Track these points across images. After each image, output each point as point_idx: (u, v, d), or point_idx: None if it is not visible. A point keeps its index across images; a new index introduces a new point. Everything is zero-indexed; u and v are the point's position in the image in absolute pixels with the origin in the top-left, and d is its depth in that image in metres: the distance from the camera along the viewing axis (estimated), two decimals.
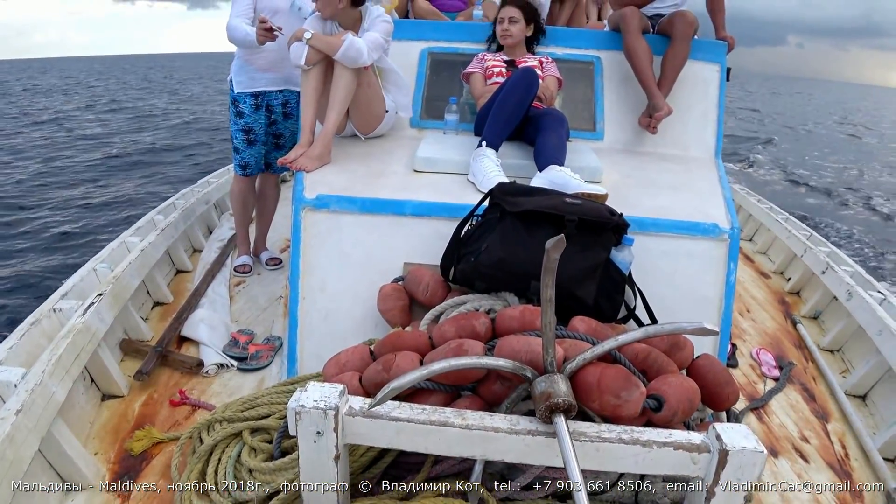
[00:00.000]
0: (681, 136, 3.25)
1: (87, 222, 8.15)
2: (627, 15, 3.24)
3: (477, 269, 1.95)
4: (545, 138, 2.49)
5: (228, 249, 3.84)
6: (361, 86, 2.83)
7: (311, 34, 2.70)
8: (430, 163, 2.63)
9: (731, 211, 2.39)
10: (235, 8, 3.14)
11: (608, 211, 1.97)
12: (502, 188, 2.07)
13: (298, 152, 2.65)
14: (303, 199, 2.32)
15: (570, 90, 3.38)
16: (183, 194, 4.36)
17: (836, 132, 27.10)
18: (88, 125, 18.14)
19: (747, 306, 3.56)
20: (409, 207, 2.28)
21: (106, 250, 3.08)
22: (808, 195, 12.75)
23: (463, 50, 3.46)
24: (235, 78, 3.28)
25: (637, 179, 2.70)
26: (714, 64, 3.37)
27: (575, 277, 1.89)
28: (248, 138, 3.33)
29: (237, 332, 2.85)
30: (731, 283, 2.24)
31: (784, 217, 4.78)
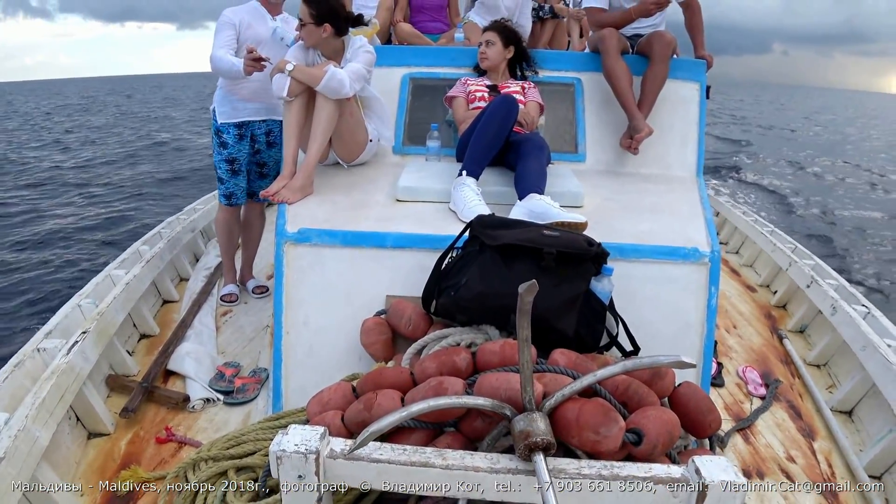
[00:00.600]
0: (662, 156, 3.28)
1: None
2: (606, 37, 3.27)
3: (457, 304, 1.96)
4: (525, 165, 2.51)
5: (215, 278, 3.84)
6: (344, 115, 2.85)
7: (293, 66, 2.72)
8: (411, 192, 2.64)
9: (711, 233, 2.41)
10: (218, 39, 3.15)
11: (587, 241, 1.98)
12: (482, 221, 2.08)
13: (280, 184, 2.66)
14: (285, 234, 2.32)
15: (552, 112, 3.40)
16: (169, 223, 4.36)
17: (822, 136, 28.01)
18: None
19: (734, 322, 3.58)
20: (390, 240, 2.29)
21: (90, 285, 3.07)
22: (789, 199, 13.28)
23: (445, 75, 3.48)
24: (218, 108, 3.29)
25: (618, 202, 2.72)
26: (694, 83, 3.40)
27: (555, 310, 1.89)
28: (233, 168, 3.34)
29: (223, 364, 2.85)
30: (712, 306, 2.25)
31: (769, 230, 4.81)
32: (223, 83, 3.26)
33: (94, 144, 18.40)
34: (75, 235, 8.61)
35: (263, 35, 3.22)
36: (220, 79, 3.25)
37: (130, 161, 15.21)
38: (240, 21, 3.17)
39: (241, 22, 3.17)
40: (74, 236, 8.57)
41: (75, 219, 9.53)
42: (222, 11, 3.21)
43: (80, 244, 8.20)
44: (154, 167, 14.32)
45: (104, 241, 8.34)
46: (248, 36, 3.17)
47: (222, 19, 3.18)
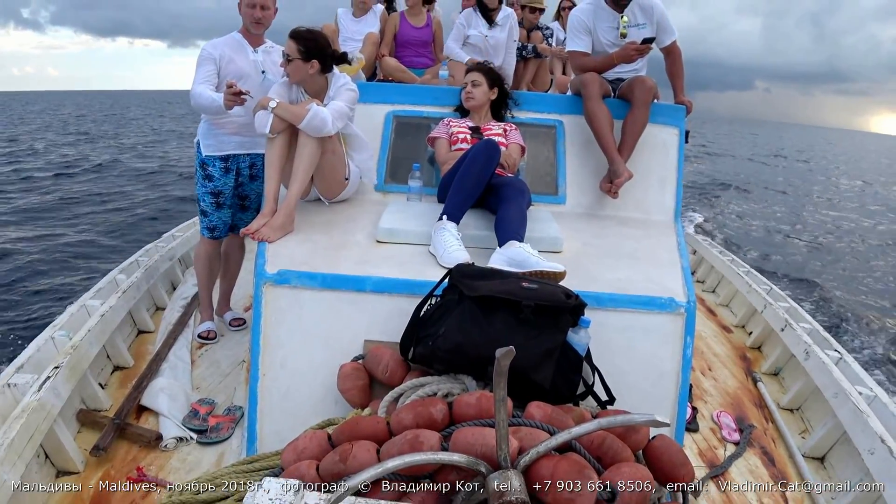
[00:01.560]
0: (641, 200, 3.33)
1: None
2: (588, 81, 3.33)
3: (435, 354, 1.97)
4: (506, 210, 2.53)
5: (192, 308, 3.81)
6: (326, 153, 2.86)
7: (275, 103, 2.73)
8: (392, 234, 2.65)
9: (688, 282, 2.44)
10: (199, 74, 3.14)
11: (564, 294, 2.01)
12: (461, 270, 2.10)
13: (261, 222, 2.66)
14: (264, 274, 2.32)
15: (533, 154, 3.45)
16: (147, 250, 4.32)
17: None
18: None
19: (709, 364, 3.62)
20: (369, 284, 2.29)
21: (65, 315, 3.03)
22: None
23: (428, 113, 3.52)
24: (203, 141, 3.29)
25: (597, 248, 2.75)
26: (673, 127, 3.47)
27: (532, 362, 1.91)
28: (217, 201, 3.33)
29: (198, 402, 2.82)
30: (687, 356, 2.28)
31: (745, 270, 4.89)
32: (207, 116, 3.26)
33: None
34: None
35: (245, 68, 3.22)
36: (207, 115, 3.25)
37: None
38: (220, 55, 3.16)
39: (222, 56, 3.17)
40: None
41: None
42: (203, 45, 3.22)
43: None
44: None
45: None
46: (229, 70, 3.17)
47: (203, 53, 3.18)
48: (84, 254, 8.71)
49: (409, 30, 4.96)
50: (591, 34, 3.50)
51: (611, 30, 3.47)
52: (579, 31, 3.51)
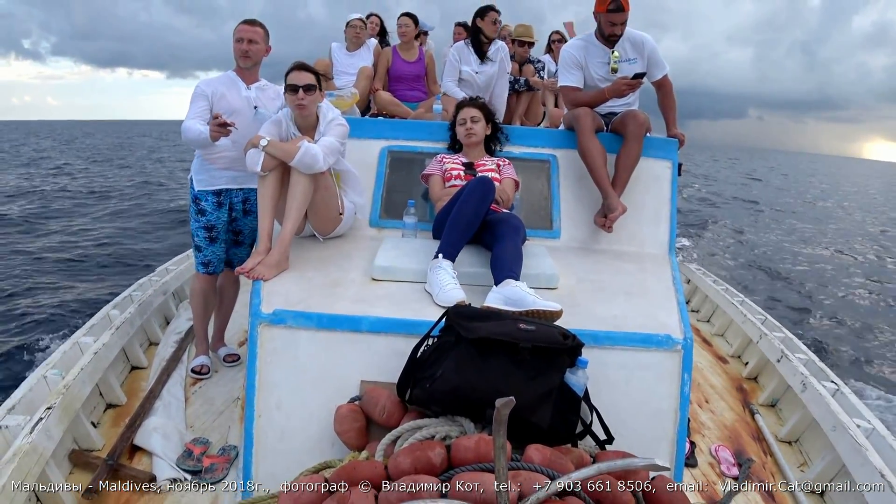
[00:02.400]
0: (635, 234, 3.34)
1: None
2: (581, 116, 3.37)
3: (432, 396, 1.96)
4: (501, 248, 2.54)
5: (185, 344, 3.79)
6: (319, 189, 2.87)
7: (266, 141, 2.75)
8: (387, 272, 2.65)
9: (684, 318, 2.44)
10: (192, 109, 3.17)
11: (561, 334, 2.01)
12: (458, 311, 2.10)
13: (256, 260, 2.66)
14: (259, 314, 2.31)
15: (528, 188, 3.47)
16: (140, 284, 4.30)
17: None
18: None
19: (706, 396, 3.61)
20: (365, 324, 2.28)
21: (57, 353, 3.01)
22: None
23: (422, 149, 3.55)
24: (196, 176, 3.30)
25: (592, 284, 2.76)
26: (666, 161, 3.50)
27: (530, 404, 1.90)
28: (211, 236, 3.33)
29: (192, 441, 2.78)
30: (685, 393, 2.27)
31: (739, 300, 4.90)
32: (200, 151, 3.27)
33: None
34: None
35: (236, 104, 3.24)
36: (197, 148, 3.27)
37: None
38: (213, 92, 3.19)
39: (215, 92, 3.20)
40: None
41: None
42: (197, 83, 3.25)
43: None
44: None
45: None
46: (221, 106, 3.19)
47: (196, 91, 3.21)
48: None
49: (402, 64, 5.02)
50: (583, 69, 3.55)
51: (602, 65, 3.52)
52: (571, 67, 3.55)
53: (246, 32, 3.21)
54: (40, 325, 6.69)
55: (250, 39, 3.21)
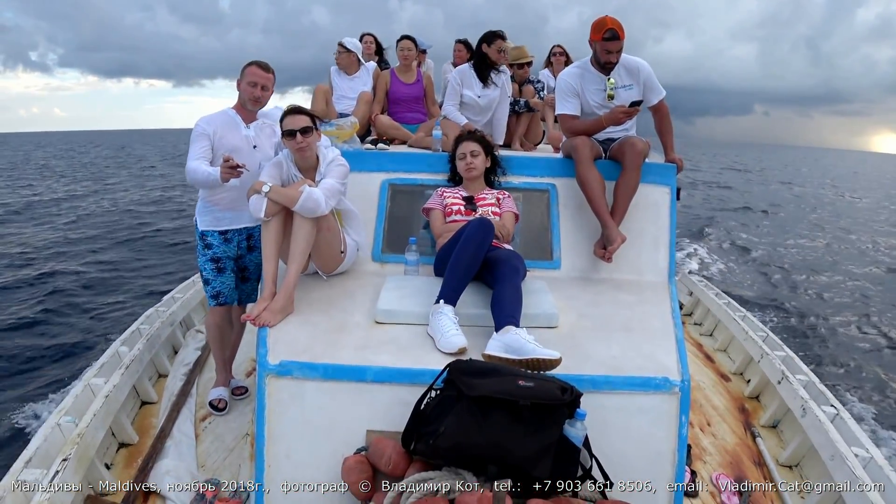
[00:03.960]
0: (635, 261, 3.38)
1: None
2: (579, 146, 3.41)
3: (436, 452, 2.02)
4: (501, 291, 2.59)
5: (194, 376, 3.85)
6: (321, 230, 2.93)
7: (269, 187, 2.80)
8: (390, 315, 2.71)
9: (681, 357, 2.48)
10: (194, 150, 3.19)
11: (560, 388, 2.06)
12: (459, 367, 2.15)
13: (261, 306, 2.71)
14: (266, 366, 2.36)
15: (527, 218, 3.51)
16: (147, 316, 4.37)
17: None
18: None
19: (708, 419, 3.64)
20: (370, 374, 2.33)
21: (69, 398, 3.07)
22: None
23: (423, 181, 3.59)
24: (200, 218, 3.35)
25: (592, 320, 2.80)
26: (664, 186, 3.54)
27: (530, 458, 1.96)
28: (218, 266, 3.38)
29: (204, 482, 2.84)
30: (683, 436, 2.31)
31: (741, 315, 4.93)
32: (203, 193, 3.31)
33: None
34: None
35: (237, 144, 3.27)
36: (200, 189, 3.31)
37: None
38: (213, 131, 3.21)
39: (215, 132, 3.22)
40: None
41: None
42: (197, 121, 3.24)
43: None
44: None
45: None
46: (221, 145, 3.22)
47: (197, 130, 3.22)
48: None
49: (401, 87, 5.06)
50: (580, 97, 3.58)
51: (598, 92, 3.55)
52: (567, 95, 3.59)
53: (260, 78, 3.23)
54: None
55: (263, 86, 3.25)
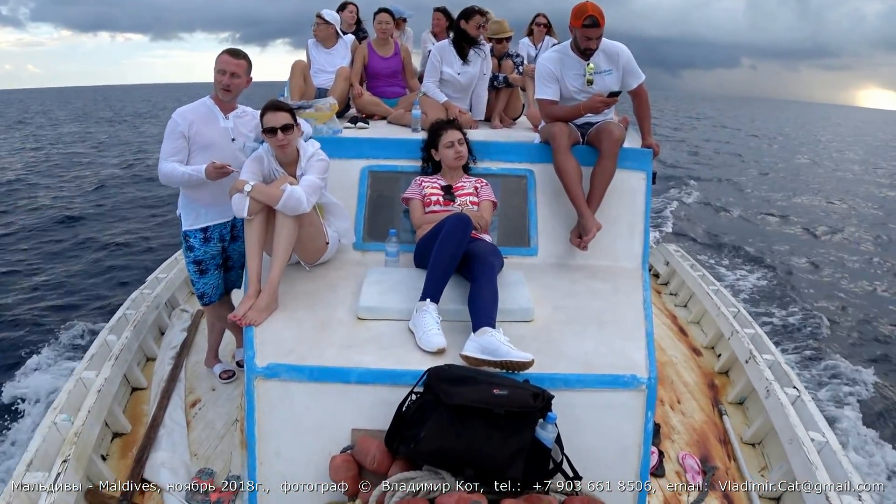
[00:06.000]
0: (610, 247, 3.48)
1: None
2: (556, 134, 3.45)
3: (417, 455, 2.17)
4: (478, 290, 2.69)
5: (182, 360, 3.94)
6: (304, 226, 2.99)
7: (251, 186, 2.84)
8: (372, 311, 2.80)
9: (650, 352, 2.61)
10: (167, 148, 3.18)
11: (533, 395, 2.19)
12: (438, 374, 2.26)
13: (247, 305, 2.79)
14: (254, 369, 2.46)
15: (505, 204, 3.58)
16: (133, 300, 4.42)
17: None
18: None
19: (678, 396, 3.81)
20: (353, 375, 2.44)
21: (62, 394, 3.15)
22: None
23: (402, 167, 3.63)
24: (183, 214, 3.38)
25: (567, 312, 2.91)
26: (640, 172, 3.60)
27: (504, 461, 2.11)
28: (200, 269, 3.45)
29: (198, 474, 2.95)
30: (648, 430, 2.45)
31: (714, 289, 5.08)
32: (185, 190, 3.33)
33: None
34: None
35: (214, 138, 3.26)
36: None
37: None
38: (189, 125, 3.18)
39: (191, 125, 3.19)
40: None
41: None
42: (173, 115, 3.20)
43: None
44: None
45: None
46: (197, 140, 3.21)
47: (171, 126, 3.18)
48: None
49: (378, 61, 5.04)
50: (559, 82, 3.61)
51: (578, 77, 3.57)
52: (547, 80, 3.61)
53: (229, 65, 3.17)
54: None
55: (233, 73, 3.19)
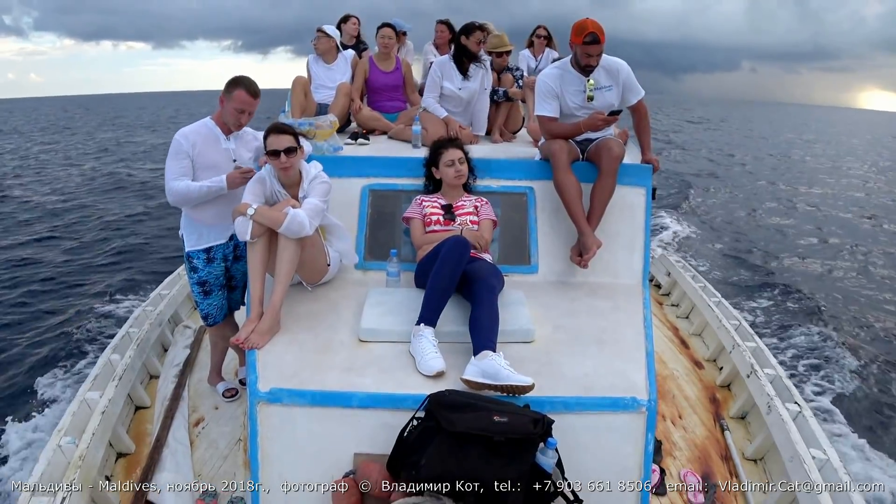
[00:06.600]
0: (610, 264, 3.48)
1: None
2: (556, 152, 3.46)
3: (418, 481, 2.17)
4: (479, 313, 2.70)
5: (185, 378, 3.96)
6: (306, 247, 3.00)
7: (254, 209, 2.86)
8: (373, 333, 2.81)
9: (650, 373, 2.62)
10: (173, 168, 3.18)
11: (532, 421, 2.20)
12: (438, 400, 2.27)
13: (249, 328, 2.81)
14: (257, 394, 2.47)
15: (505, 222, 3.59)
16: (136, 318, 4.44)
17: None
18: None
19: (680, 411, 3.81)
20: (355, 400, 2.45)
21: (67, 416, 3.17)
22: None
23: (403, 186, 3.65)
24: (186, 235, 3.40)
25: (566, 332, 2.92)
26: (640, 188, 3.61)
27: (505, 487, 2.11)
28: (204, 290, 3.47)
29: (202, 496, 2.97)
30: (649, 452, 2.47)
31: (716, 300, 5.08)
32: (187, 210, 3.35)
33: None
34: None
35: (216, 159, 3.28)
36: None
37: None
38: (192, 146, 3.20)
39: (194, 146, 3.21)
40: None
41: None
42: (176, 135, 3.21)
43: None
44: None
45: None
46: (200, 161, 3.23)
47: (175, 146, 3.19)
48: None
49: (380, 75, 5.06)
50: (559, 98, 3.62)
51: (578, 93, 3.58)
52: (547, 96, 3.62)
53: (248, 105, 3.21)
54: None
55: (249, 112, 3.25)
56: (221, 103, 3.26)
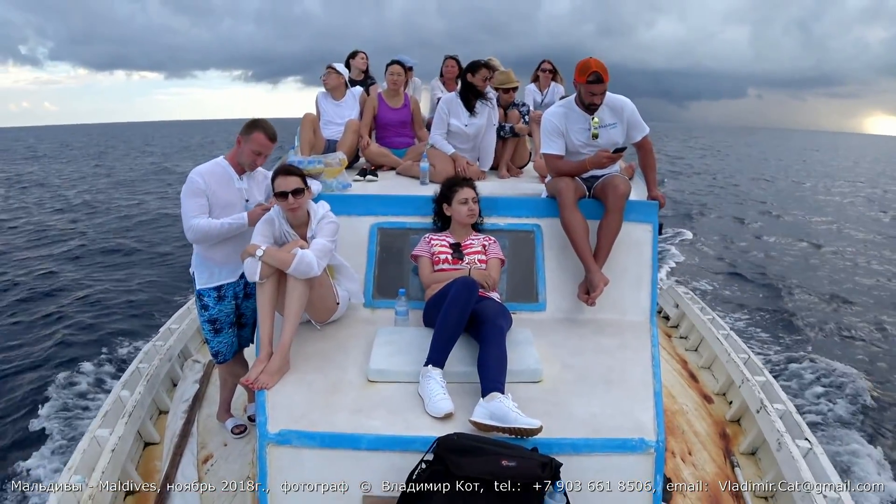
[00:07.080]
0: (618, 301, 3.50)
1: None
2: (563, 190, 3.50)
3: None
4: (487, 354, 2.71)
5: (193, 414, 3.97)
6: (314, 287, 3.04)
7: (262, 251, 2.91)
8: (382, 374, 2.83)
9: (658, 412, 2.62)
10: (192, 206, 3.22)
11: (540, 465, 2.20)
12: (446, 445, 2.28)
13: (259, 369, 2.83)
14: (266, 435, 2.48)
15: (513, 260, 3.62)
16: (146, 353, 4.47)
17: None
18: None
19: (690, 447, 3.79)
20: (364, 442, 2.46)
21: (77, 454, 3.19)
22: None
23: (412, 224, 3.69)
24: (197, 274, 3.44)
25: (575, 371, 2.92)
26: (646, 224, 3.64)
27: None
28: (214, 328, 3.50)
29: None
30: (658, 494, 2.46)
31: (724, 333, 5.07)
32: (198, 248, 3.40)
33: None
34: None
35: (230, 199, 3.32)
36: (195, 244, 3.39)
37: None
38: (206, 185, 3.25)
39: (208, 186, 3.26)
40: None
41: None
42: (191, 174, 3.26)
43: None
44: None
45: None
46: (214, 201, 3.27)
47: (192, 185, 3.23)
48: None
49: (388, 112, 5.14)
50: (564, 136, 3.67)
51: (583, 131, 3.63)
52: (552, 135, 3.68)
53: (265, 148, 3.29)
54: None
55: (266, 155, 3.33)
56: (238, 143, 3.32)
